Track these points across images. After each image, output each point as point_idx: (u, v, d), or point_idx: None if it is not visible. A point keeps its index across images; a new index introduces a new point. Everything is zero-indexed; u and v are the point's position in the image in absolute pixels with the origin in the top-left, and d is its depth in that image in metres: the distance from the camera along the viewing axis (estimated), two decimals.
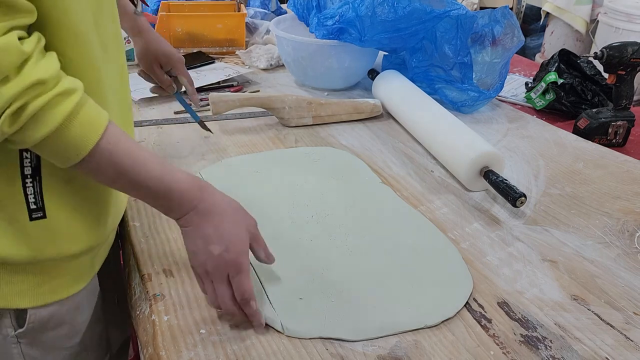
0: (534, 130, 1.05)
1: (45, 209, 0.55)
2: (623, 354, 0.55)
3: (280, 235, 0.70)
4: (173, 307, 0.59)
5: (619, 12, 2.18)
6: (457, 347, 0.55)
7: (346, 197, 0.79)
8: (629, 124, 1.06)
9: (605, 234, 0.74)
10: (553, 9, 2.64)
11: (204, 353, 0.53)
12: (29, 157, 0.53)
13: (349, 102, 1.06)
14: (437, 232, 0.72)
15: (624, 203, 0.81)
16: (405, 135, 1.01)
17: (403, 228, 0.73)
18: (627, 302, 0.62)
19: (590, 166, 0.91)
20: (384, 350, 0.54)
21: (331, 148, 0.95)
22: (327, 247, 0.68)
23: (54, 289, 0.59)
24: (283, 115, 1.02)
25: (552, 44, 2.67)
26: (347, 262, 0.66)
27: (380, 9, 1.02)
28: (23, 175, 0.53)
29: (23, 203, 0.53)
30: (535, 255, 0.69)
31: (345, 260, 0.66)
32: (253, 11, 1.57)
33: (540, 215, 0.77)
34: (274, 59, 1.33)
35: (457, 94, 1.10)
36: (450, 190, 0.84)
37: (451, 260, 0.67)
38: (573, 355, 0.54)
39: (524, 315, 0.59)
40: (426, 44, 1.09)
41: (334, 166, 0.88)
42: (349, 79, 1.21)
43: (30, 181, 0.53)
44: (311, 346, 0.54)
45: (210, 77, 1.21)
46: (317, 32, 1.11)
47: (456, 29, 1.06)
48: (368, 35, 1.05)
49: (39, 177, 0.54)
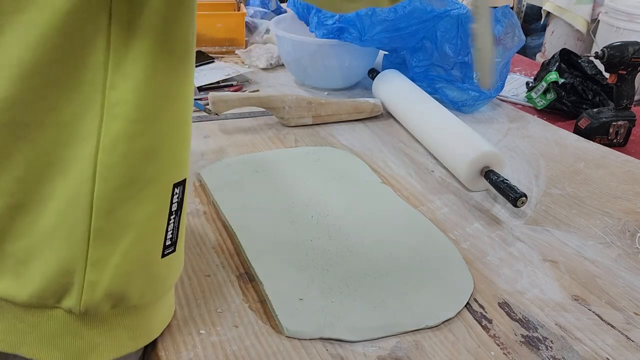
0: (534, 130, 1.05)
1: (177, 244, 0.51)
2: (624, 354, 0.55)
3: (280, 236, 0.70)
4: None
5: (619, 11, 2.18)
6: (458, 347, 0.55)
7: (346, 197, 0.79)
8: (630, 124, 1.05)
9: (606, 234, 0.74)
10: (554, 9, 2.64)
11: (203, 353, 0.53)
12: (178, 192, 0.49)
13: (349, 102, 1.06)
14: (437, 232, 0.72)
15: (625, 203, 0.81)
16: (406, 134, 1.01)
17: (403, 228, 0.73)
18: (628, 302, 0.62)
19: (591, 166, 0.91)
20: (384, 350, 0.54)
21: (331, 148, 0.95)
22: (327, 247, 0.68)
23: (160, 325, 0.54)
24: (283, 115, 1.01)
25: (553, 44, 2.66)
26: (347, 262, 0.65)
27: (380, 8, 1.02)
28: (170, 213, 0.48)
29: (160, 242, 0.49)
30: (536, 255, 0.69)
31: (345, 260, 0.66)
32: (253, 10, 1.57)
33: (541, 215, 0.77)
34: (274, 59, 1.33)
35: (458, 94, 1.09)
36: (450, 190, 0.83)
37: (451, 260, 0.67)
38: (574, 355, 0.54)
39: (525, 315, 0.59)
40: (426, 43, 1.09)
41: (334, 166, 0.88)
42: (349, 79, 1.21)
43: (174, 218, 0.49)
44: (311, 347, 0.54)
45: (210, 76, 1.20)
46: (317, 31, 1.10)
47: (457, 28, 1.06)
48: (368, 35, 1.05)
49: (180, 211, 0.49)
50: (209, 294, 0.61)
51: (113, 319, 0.49)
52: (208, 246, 0.69)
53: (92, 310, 0.46)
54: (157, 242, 0.49)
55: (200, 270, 0.64)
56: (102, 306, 0.47)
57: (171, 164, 0.47)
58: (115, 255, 0.45)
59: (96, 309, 0.46)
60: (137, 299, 0.49)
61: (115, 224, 0.45)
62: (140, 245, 0.47)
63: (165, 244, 0.49)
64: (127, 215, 0.45)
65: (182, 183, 0.49)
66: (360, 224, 0.73)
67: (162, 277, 0.51)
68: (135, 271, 0.47)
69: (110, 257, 0.45)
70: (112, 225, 0.45)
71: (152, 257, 0.49)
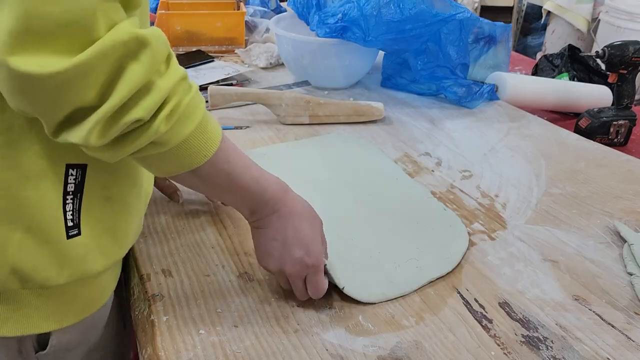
0: (535, 129, 1.05)
1: (80, 226, 0.52)
2: (624, 354, 0.55)
3: None
4: (172, 308, 0.59)
5: (620, 10, 2.17)
6: (458, 347, 0.55)
7: (360, 179, 0.84)
8: (630, 123, 1.05)
9: (606, 233, 0.73)
10: (554, 8, 2.64)
11: (203, 353, 0.53)
12: (74, 173, 0.50)
13: (349, 104, 1.05)
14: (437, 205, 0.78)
15: (626, 203, 0.81)
16: (406, 134, 1.01)
17: (407, 199, 0.78)
18: (629, 302, 0.62)
19: (591, 166, 0.91)
20: (385, 350, 0.54)
21: (334, 135, 0.97)
22: (349, 221, 0.72)
23: (79, 310, 0.57)
24: (279, 112, 1.01)
25: (554, 43, 2.66)
26: (367, 233, 0.70)
27: (386, 9, 1.02)
28: (65, 192, 0.50)
29: (61, 221, 0.50)
30: (537, 255, 0.69)
31: (364, 231, 0.71)
32: (252, 9, 1.57)
33: (542, 215, 0.77)
34: (274, 58, 1.32)
35: (462, 90, 1.11)
36: (451, 190, 0.83)
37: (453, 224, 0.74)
38: (574, 355, 0.54)
39: (525, 315, 0.59)
40: (430, 45, 1.09)
41: (342, 150, 0.92)
42: (349, 78, 1.20)
43: (71, 198, 0.51)
44: (311, 347, 0.54)
45: (210, 75, 1.20)
46: (319, 30, 1.10)
47: (459, 31, 1.07)
48: (372, 35, 1.04)
49: (80, 194, 0.51)
50: (209, 294, 0.61)
51: (23, 297, 0.52)
52: (208, 246, 0.69)
53: (3, 289, 0.51)
54: (54, 221, 0.50)
55: (200, 270, 0.64)
56: (10, 284, 0.51)
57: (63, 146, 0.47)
58: (17, 232, 0.49)
59: (4, 286, 0.51)
60: (44, 279, 0.51)
61: (12, 203, 0.48)
62: (38, 223, 0.49)
63: (67, 225, 0.51)
64: (22, 193, 0.48)
65: (79, 166, 0.50)
66: (372, 198, 0.78)
67: (74, 259, 0.52)
68: (37, 249, 0.50)
69: (12, 234, 0.49)
70: (9, 204, 0.48)
71: (54, 236, 0.50)
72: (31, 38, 0.37)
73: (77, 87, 0.40)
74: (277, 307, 0.59)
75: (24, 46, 0.37)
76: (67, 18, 0.38)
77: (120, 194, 0.55)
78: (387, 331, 0.56)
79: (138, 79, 0.41)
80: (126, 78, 0.41)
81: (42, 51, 0.38)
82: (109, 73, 0.40)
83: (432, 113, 1.10)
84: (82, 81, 0.40)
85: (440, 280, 0.64)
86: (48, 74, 0.38)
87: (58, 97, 0.40)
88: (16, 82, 0.39)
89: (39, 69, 0.38)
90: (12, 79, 0.39)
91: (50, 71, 0.38)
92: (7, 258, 0.49)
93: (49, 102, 0.41)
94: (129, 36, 0.40)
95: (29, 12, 0.37)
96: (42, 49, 0.38)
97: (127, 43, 0.40)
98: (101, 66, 0.40)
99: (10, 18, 0.37)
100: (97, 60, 0.39)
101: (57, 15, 0.37)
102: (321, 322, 0.57)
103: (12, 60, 0.37)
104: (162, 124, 0.44)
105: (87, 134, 0.42)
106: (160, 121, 0.43)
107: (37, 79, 0.38)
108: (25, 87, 0.39)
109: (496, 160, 0.92)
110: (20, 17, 0.37)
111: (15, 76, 0.38)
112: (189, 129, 0.46)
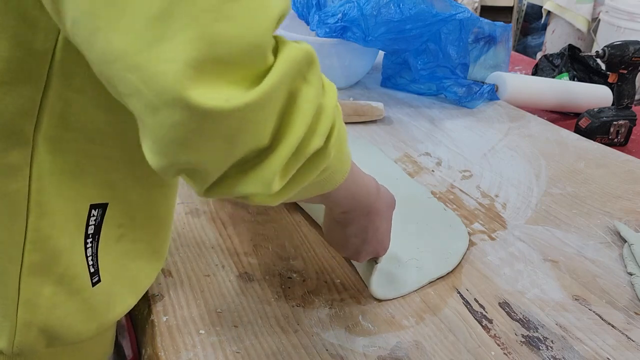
0: (535, 129, 1.05)
1: (100, 272, 0.46)
2: (624, 354, 0.55)
3: None
4: (172, 308, 0.59)
5: (620, 10, 2.17)
6: (458, 347, 0.55)
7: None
8: (630, 123, 1.05)
9: (606, 233, 0.73)
10: (554, 8, 2.64)
11: (203, 354, 0.53)
12: (95, 214, 0.44)
13: (349, 104, 1.04)
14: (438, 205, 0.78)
15: (626, 203, 0.81)
16: (406, 134, 1.01)
17: (407, 199, 0.77)
18: (629, 302, 0.62)
19: (591, 166, 0.91)
20: (385, 350, 0.54)
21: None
22: None
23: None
24: None
25: (554, 43, 2.66)
26: None
27: (386, 9, 1.02)
28: (86, 235, 0.44)
29: (85, 266, 0.45)
30: (537, 255, 0.69)
31: None
32: None
33: (542, 215, 0.77)
34: None
35: (462, 90, 1.11)
36: (451, 191, 0.83)
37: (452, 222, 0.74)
38: (574, 355, 0.54)
39: (525, 315, 0.59)
40: (430, 45, 1.09)
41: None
42: (349, 78, 1.20)
43: (91, 241, 0.45)
44: (311, 347, 0.54)
45: None
46: (319, 30, 1.10)
47: (459, 31, 1.07)
48: (372, 35, 1.05)
49: (98, 235, 0.45)
50: (209, 294, 0.61)
51: (47, 358, 0.47)
52: (208, 246, 0.69)
53: (26, 351, 0.45)
54: (81, 268, 0.45)
55: (200, 270, 0.64)
56: (37, 345, 0.45)
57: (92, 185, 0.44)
58: (47, 286, 0.44)
59: (30, 348, 0.45)
60: (76, 335, 0.46)
61: (46, 254, 0.43)
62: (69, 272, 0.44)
63: (90, 271, 0.46)
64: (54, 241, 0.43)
65: (100, 206, 0.45)
66: None
67: (100, 309, 0.48)
68: (68, 302, 0.45)
69: (42, 289, 0.44)
70: (44, 256, 0.43)
71: (81, 284, 0.45)
72: (214, 67, 0.30)
73: (256, 122, 0.32)
74: (277, 307, 0.59)
75: (206, 78, 0.29)
76: (249, 41, 0.30)
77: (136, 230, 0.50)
78: (387, 331, 0.56)
79: (313, 105, 0.35)
80: (302, 106, 0.34)
81: (222, 82, 0.30)
82: (284, 102, 0.34)
83: (432, 113, 1.11)
84: (261, 115, 0.32)
85: (440, 280, 0.64)
86: (234, 108, 0.30)
87: (235, 138, 0.32)
88: (194, 124, 0.30)
89: (226, 104, 0.30)
90: (190, 119, 0.30)
91: (237, 105, 0.30)
92: (37, 316, 0.44)
93: (222, 147, 0.32)
94: (302, 53, 0.34)
95: (208, 36, 0.29)
96: (221, 79, 0.30)
97: (300, 62, 0.34)
98: (278, 95, 0.33)
99: (186, 43, 0.29)
100: (276, 88, 0.32)
101: (238, 40, 0.30)
102: (321, 322, 0.57)
103: (195, 95, 0.29)
104: (333, 148, 0.38)
105: (270, 180, 0.34)
106: (332, 145, 0.38)
107: (223, 116, 0.30)
108: (205, 129, 0.30)
109: (496, 160, 0.92)
110: (200, 41, 0.29)
111: (197, 115, 0.29)
112: (347, 148, 0.41)
